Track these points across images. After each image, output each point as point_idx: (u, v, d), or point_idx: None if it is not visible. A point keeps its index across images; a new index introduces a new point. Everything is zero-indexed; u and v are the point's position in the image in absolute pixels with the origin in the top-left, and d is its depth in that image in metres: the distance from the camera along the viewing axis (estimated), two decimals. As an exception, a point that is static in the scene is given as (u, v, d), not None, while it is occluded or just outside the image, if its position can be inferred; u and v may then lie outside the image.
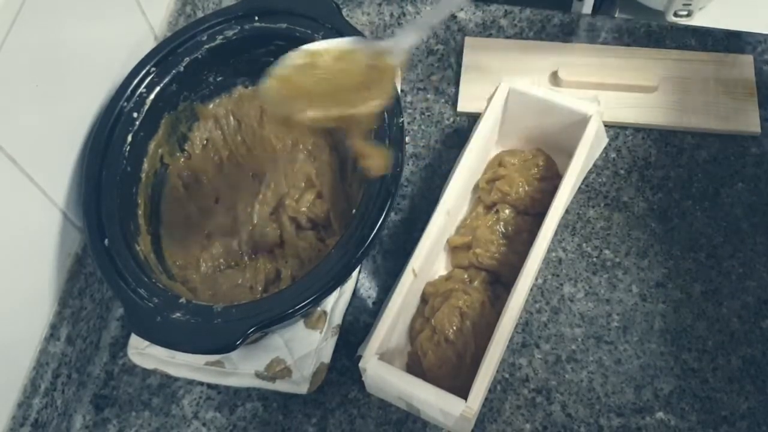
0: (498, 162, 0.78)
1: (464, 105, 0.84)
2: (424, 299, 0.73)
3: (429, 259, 0.71)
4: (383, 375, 0.63)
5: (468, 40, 0.88)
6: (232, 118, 0.77)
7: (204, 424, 0.70)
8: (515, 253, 0.72)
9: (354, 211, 0.64)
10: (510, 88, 0.75)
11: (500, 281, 0.73)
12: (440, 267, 0.75)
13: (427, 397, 0.62)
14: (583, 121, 0.73)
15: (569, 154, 0.72)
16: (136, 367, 0.73)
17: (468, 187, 0.78)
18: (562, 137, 0.75)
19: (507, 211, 0.75)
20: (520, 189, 0.74)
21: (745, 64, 0.85)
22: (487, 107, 0.75)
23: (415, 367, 0.69)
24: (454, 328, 0.68)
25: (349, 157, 0.75)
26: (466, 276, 0.73)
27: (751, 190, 0.79)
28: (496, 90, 0.75)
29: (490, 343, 0.64)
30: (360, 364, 0.64)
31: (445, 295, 0.71)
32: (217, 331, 0.60)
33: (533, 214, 0.75)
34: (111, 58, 0.71)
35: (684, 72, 0.84)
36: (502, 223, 0.74)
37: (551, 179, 0.76)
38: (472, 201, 0.79)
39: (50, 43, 0.62)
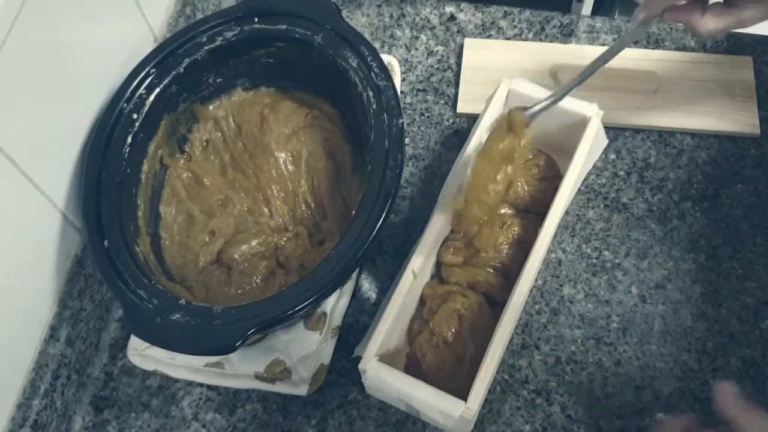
0: (498, 163, 0.78)
1: (464, 106, 0.84)
2: (423, 301, 0.73)
3: (429, 260, 0.71)
4: (383, 376, 0.63)
5: (467, 41, 0.88)
6: (232, 121, 0.77)
7: (204, 426, 0.70)
8: (515, 253, 0.72)
9: (354, 212, 0.64)
10: (509, 89, 0.75)
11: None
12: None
13: (427, 399, 0.62)
14: (582, 123, 0.73)
15: (569, 155, 0.72)
16: (135, 368, 0.73)
17: (468, 188, 0.77)
18: (562, 138, 0.75)
19: (507, 212, 0.75)
20: (520, 189, 0.74)
21: (744, 66, 0.85)
22: (486, 108, 0.75)
23: (414, 368, 0.69)
24: (453, 330, 0.68)
25: (346, 162, 0.75)
26: (465, 277, 0.73)
27: (750, 191, 0.79)
28: (495, 91, 0.75)
29: (490, 344, 0.64)
30: (360, 366, 0.64)
31: (443, 297, 0.71)
32: (217, 333, 0.60)
33: (533, 214, 0.75)
34: (111, 59, 0.71)
35: (683, 73, 0.84)
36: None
37: (551, 180, 0.76)
38: (472, 202, 0.79)
39: (50, 43, 0.62)
